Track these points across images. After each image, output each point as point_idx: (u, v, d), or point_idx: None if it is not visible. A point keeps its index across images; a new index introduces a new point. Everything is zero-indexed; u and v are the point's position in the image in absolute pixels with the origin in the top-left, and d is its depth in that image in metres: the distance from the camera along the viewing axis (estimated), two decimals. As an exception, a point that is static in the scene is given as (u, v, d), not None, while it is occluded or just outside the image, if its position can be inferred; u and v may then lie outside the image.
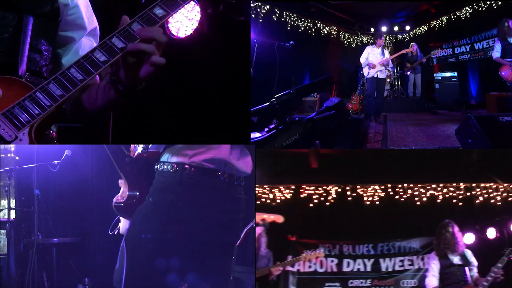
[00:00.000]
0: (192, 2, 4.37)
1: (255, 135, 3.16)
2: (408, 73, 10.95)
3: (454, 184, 4.83)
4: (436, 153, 5.29)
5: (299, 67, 10.59)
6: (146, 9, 1.77)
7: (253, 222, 3.42)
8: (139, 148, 2.11)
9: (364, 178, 4.76)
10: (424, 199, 4.85)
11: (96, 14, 2.20)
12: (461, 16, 9.79)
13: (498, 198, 4.78)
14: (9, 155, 3.94)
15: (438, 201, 4.86)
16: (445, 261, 3.92)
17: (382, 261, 5.06)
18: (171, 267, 1.77)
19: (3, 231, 3.75)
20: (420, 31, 11.60)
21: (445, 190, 4.84)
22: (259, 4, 8.51)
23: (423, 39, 11.40)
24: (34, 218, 3.66)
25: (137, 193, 1.95)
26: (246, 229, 3.29)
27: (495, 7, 8.70)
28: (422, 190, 4.84)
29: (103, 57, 1.71)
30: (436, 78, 10.08)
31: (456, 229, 3.99)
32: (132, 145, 2.14)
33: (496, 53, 6.40)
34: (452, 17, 10.13)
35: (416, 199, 4.85)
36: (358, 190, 4.83)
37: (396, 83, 11.07)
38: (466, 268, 3.87)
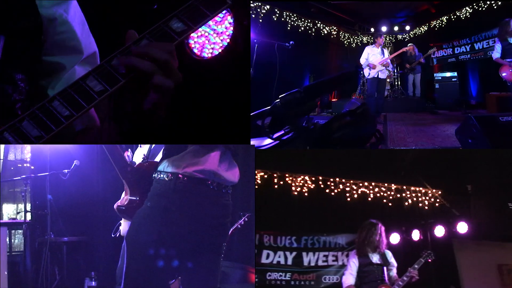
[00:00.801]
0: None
1: (264, 141, 2.76)
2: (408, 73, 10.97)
3: (386, 185, 4.86)
4: (369, 152, 5.29)
5: (299, 67, 10.58)
6: (160, 22, 1.34)
7: (238, 223, 3.82)
8: (136, 155, 2.28)
9: (294, 167, 4.58)
10: (355, 195, 4.76)
11: (94, 31, 1.72)
12: (461, 16, 9.79)
13: (426, 202, 4.92)
14: (25, 164, 4.58)
15: (369, 199, 4.80)
16: (365, 260, 3.85)
17: (305, 255, 4.82)
18: (166, 264, 2.00)
19: (20, 231, 4.35)
20: (420, 31, 11.60)
21: (376, 190, 4.83)
22: (259, 4, 8.51)
23: (423, 39, 11.41)
24: (47, 219, 4.19)
25: (137, 198, 2.15)
26: (231, 229, 3.42)
27: (495, 7, 8.70)
28: (354, 187, 4.76)
29: (99, 86, 1.25)
30: (436, 78, 10.09)
31: (381, 228, 3.93)
32: (125, 153, 2.34)
33: (496, 54, 6.39)
34: (452, 17, 10.13)
35: (347, 195, 4.74)
36: (287, 179, 4.60)
37: (396, 83, 11.08)
38: (385, 268, 3.83)
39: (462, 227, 4.49)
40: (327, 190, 4.70)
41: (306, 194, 4.65)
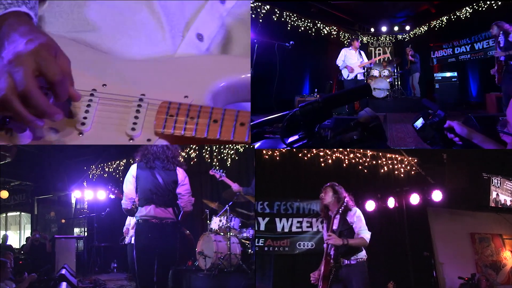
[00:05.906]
0: None
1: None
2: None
3: (361, 151, 4.73)
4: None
5: (299, 67, 10.59)
6: None
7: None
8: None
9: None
10: (329, 161, 4.64)
11: None
12: (461, 16, 9.80)
13: (402, 170, 4.87)
14: (84, 209, 8.97)
15: (344, 165, 4.68)
16: (328, 224, 3.43)
17: (278, 221, 4.71)
18: (155, 261, 3.57)
19: (81, 240, 8.30)
20: (420, 31, 11.60)
21: (351, 155, 4.71)
22: (259, 4, 8.51)
23: (423, 39, 11.41)
24: (94, 234, 7.96)
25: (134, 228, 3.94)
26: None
27: (495, 7, 8.70)
28: (328, 152, 4.63)
29: None
30: (436, 78, 10.09)
31: (337, 190, 3.49)
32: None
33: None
34: (452, 17, 10.14)
35: (321, 159, 4.61)
36: (257, 143, 4.49)
37: (396, 83, 11.08)
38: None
39: (436, 195, 4.50)
40: (300, 155, 4.55)
41: (277, 158, 4.51)
